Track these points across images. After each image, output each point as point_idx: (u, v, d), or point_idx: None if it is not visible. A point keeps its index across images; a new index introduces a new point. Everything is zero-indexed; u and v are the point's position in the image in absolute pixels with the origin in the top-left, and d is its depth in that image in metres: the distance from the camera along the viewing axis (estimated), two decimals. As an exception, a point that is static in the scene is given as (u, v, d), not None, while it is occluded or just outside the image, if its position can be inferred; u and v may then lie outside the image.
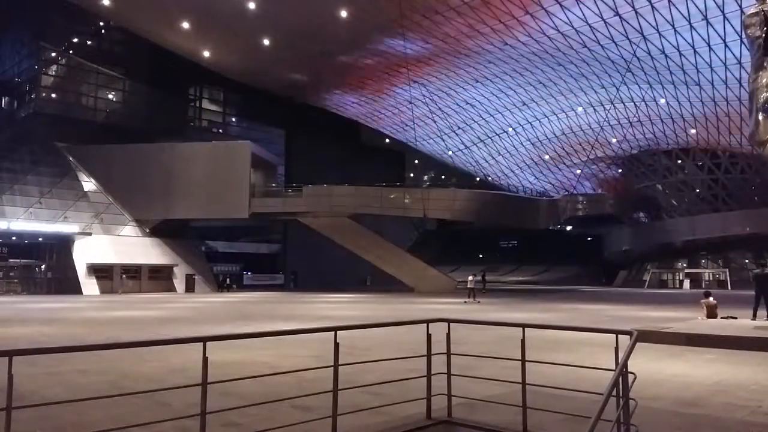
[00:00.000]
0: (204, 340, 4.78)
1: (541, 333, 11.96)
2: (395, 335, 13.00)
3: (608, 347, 5.73)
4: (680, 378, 8.68)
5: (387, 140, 70.17)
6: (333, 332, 5.48)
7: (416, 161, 78.92)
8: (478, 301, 29.71)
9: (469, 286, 31.41)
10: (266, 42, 43.26)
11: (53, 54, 48.57)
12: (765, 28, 12.87)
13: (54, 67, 48.95)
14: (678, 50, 38.33)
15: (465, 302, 29.18)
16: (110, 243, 40.96)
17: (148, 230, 43.65)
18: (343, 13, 38.07)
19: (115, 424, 5.21)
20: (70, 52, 48.79)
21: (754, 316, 15.98)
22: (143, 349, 9.40)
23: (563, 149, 61.22)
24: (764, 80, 12.87)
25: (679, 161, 58.31)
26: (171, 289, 42.25)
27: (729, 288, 49.27)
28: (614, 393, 4.52)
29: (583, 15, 35.90)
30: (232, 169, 42.12)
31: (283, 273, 57.31)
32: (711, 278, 57.29)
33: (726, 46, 36.31)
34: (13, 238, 39.29)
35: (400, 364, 8.36)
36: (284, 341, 11.75)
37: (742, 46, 32.70)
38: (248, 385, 7.42)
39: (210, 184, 42.03)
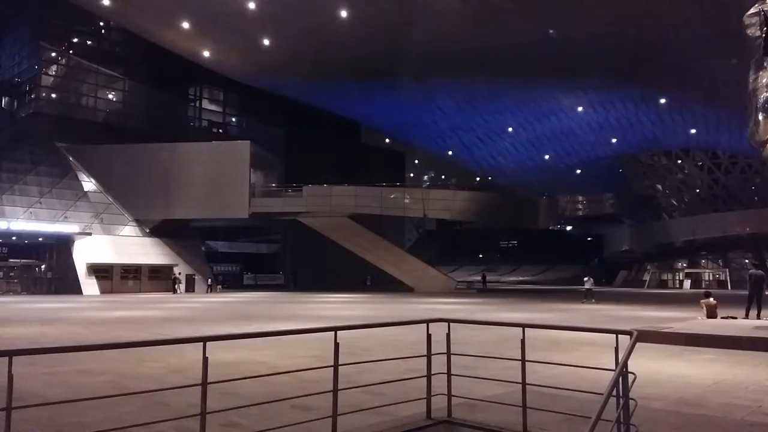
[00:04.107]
0: (204, 340, 4.78)
1: (541, 333, 11.99)
2: (395, 335, 13.01)
3: (608, 347, 5.73)
4: (680, 378, 8.68)
5: (387, 140, 70.21)
6: (333, 332, 5.47)
7: (416, 161, 78.98)
8: (593, 301, 29.90)
9: (586, 287, 31.89)
10: (266, 42, 43.24)
11: (53, 54, 48.55)
12: (765, 28, 12.88)
13: (54, 67, 48.94)
14: (678, 50, 38.31)
15: (582, 302, 29.65)
16: (110, 243, 40.96)
17: (148, 230, 43.65)
18: (343, 13, 38.07)
19: (115, 424, 5.21)
20: (70, 52, 48.78)
21: (747, 315, 16.20)
22: (143, 349, 9.40)
23: (563, 149, 61.22)
24: (764, 80, 12.88)
25: (679, 161, 58.36)
26: (171, 289, 42.22)
27: (729, 288, 49.29)
28: (614, 393, 4.52)
29: (583, 14, 35.88)
30: (232, 169, 42.12)
31: (283, 273, 57.34)
32: (711, 278, 57.32)
33: (726, 46, 36.28)
34: (13, 238, 39.31)
35: (400, 364, 8.37)
36: (284, 341, 11.76)
37: (742, 46, 32.66)
38: (248, 385, 7.42)
39: (210, 184, 42.04)
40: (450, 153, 68.83)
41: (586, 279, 32.74)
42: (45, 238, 39.90)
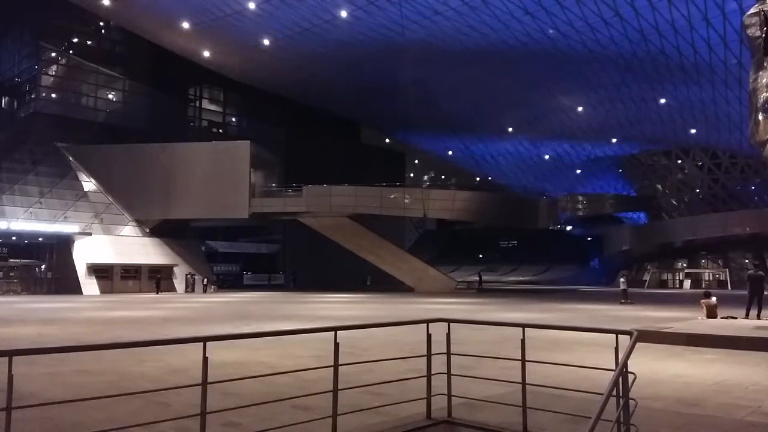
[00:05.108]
0: (204, 340, 4.78)
1: (541, 333, 12.00)
2: (395, 335, 13.00)
3: (608, 347, 5.73)
4: (680, 378, 8.68)
5: (387, 140, 70.23)
6: (333, 332, 5.47)
7: (416, 161, 79.05)
8: (630, 302, 28.83)
9: (621, 287, 30.87)
10: (266, 42, 43.26)
11: (53, 54, 48.54)
12: (765, 28, 12.87)
13: (54, 67, 48.93)
14: (678, 50, 38.34)
15: (621, 302, 28.68)
16: (110, 243, 40.97)
17: (148, 230, 43.66)
18: (343, 13, 38.09)
19: (115, 425, 5.21)
20: (70, 52, 48.78)
21: (747, 315, 16.22)
22: (143, 349, 9.39)
23: (563, 149, 61.24)
24: (764, 80, 12.86)
25: (679, 161, 58.37)
26: (171, 289, 42.25)
27: (729, 288, 49.30)
28: (614, 393, 4.53)
29: (583, 15, 35.91)
30: (232, 169, 42.12)
31: (283, 273, 57.34)
32: (711, 278, 57.35)
33: (726, 46, 36.32)
34: (13, 238, 39.29)
35: (400, 364, 8.37)
36: (284, 341, 11.76)
37: (742, 46, 32.72)
38: (248, 385, 7.42)
39: (210, 184, 42.03)
40: (450, 153, 68.86)
41: (622, 280, 31.64)
42: (45, 238, 39.90)
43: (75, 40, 49.20)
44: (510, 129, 59.35)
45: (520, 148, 63.32)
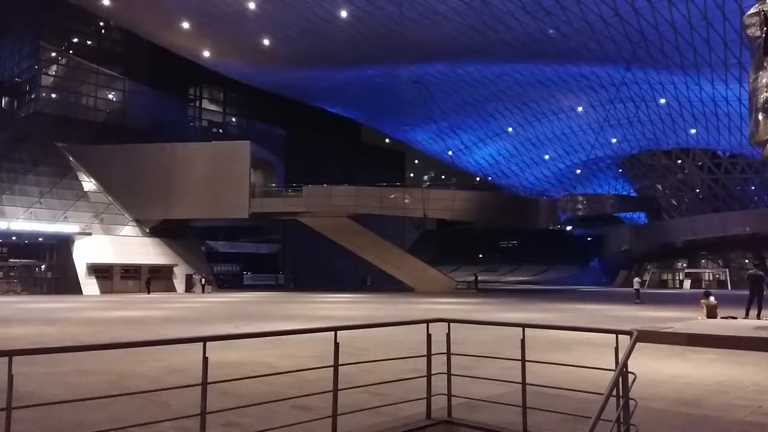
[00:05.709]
0: (204, 340, 4.78)
1: (541, 333, 11.99)
2: (395, 335, 13.00)
3: (608, 347, 5.73)
4: (680, 378, 8.67)
5: (387, 140, 70.25)
6: (333, 332, 5.47)
7: (416, 161, 79.04)
8: (641, 302, 29.08)
9: (635, 287, 31.49)
10: (266, 42, 43.27)
11: (53, 54, 48.58)
12: (765, 28, 12.86)
13: (54, 67, 48.97)
14: (678, 50, 38.35)
15: (636, 302, 28.97)
16: (110, 243, 40.97)
17: (148, 230, 43.66)
18: (343, 13, 38.09)
19: (115, 424, 5.20)
20: (70, 52, 48.81)
21: (747, 315, 16.22)
22: (143, 349, 9.39)
23: (563, 149, 61.23)
24: (764, 80, 12.85)
25: (679, 161, 58.35)
26: (171, 289, 42.26)
27: (729, 288, 49.29)
28: (614, 393, 4.52)
29: (583, 15, 35.92)
30: (232, 169, 42.12)
31: (283, 273, 57.36)
32: (711, 278, 57.34)
33: (726, 46, 36.33)
34: (13, 238, 39.30)
35: (400, 364, 8.36)
36: (284, 341, 11.76)
37: (742, 46, 32.73)
38: (248, 385, 7.42)
39: (210, 184, 42.04)
40: (450, 153, 68.89)
41: (637, 279, 32.29)
42: (45, 238, 39.91)
43: (75, 40, 49.24)
44: (510, 129, 59.35)
45: (520, 148, 63.31)
